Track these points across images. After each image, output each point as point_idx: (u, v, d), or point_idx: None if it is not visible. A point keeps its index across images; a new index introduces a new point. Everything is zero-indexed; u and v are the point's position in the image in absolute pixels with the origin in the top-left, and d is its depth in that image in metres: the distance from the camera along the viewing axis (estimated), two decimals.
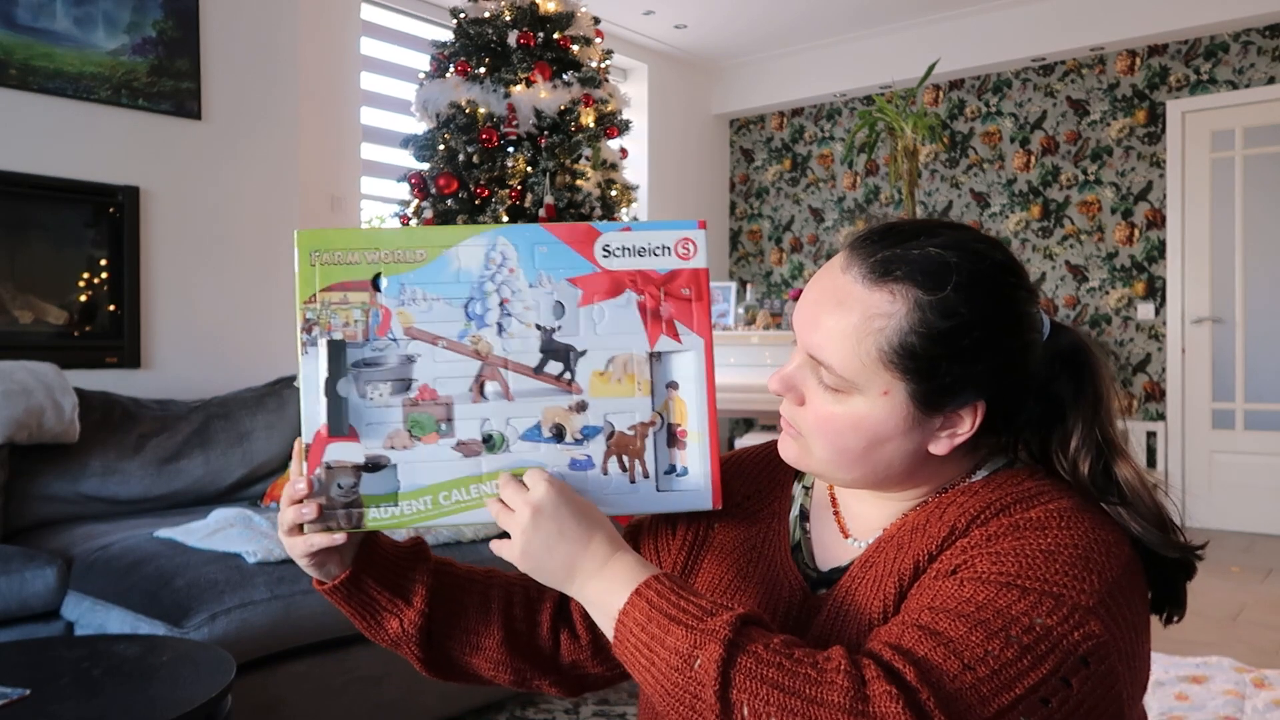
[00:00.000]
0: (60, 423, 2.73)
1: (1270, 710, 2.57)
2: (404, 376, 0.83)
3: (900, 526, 0.85)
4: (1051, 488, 0.81)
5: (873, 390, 0.79)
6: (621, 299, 0.85)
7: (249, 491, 3.16)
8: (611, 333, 0.85)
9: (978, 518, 0.79)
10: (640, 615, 0.72)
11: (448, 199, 3.97)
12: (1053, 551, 0.73)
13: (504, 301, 0.84)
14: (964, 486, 0.84)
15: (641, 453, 0.86)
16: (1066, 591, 0.71)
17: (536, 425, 0.84)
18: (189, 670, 1.64)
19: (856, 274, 0.79)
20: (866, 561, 0.85)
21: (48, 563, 2.33)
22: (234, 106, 3.68)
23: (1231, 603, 3.75)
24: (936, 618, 0.71)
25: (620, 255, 0.85)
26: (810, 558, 0.91)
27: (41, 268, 3.20)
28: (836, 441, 0.81)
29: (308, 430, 0.83)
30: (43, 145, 3.19)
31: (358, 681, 2.23)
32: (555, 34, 4.07)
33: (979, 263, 0.78)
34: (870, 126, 5.29)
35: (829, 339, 0.79)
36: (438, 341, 0.83)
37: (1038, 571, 0.72)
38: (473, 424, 0.84)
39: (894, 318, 0.77)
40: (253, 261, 3.73)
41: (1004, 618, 0.69)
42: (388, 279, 0.83)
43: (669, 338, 0.86)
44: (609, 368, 0.85)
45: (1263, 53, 5.12)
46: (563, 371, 0.85)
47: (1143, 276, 5.47)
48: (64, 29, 3.22)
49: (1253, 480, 5.17)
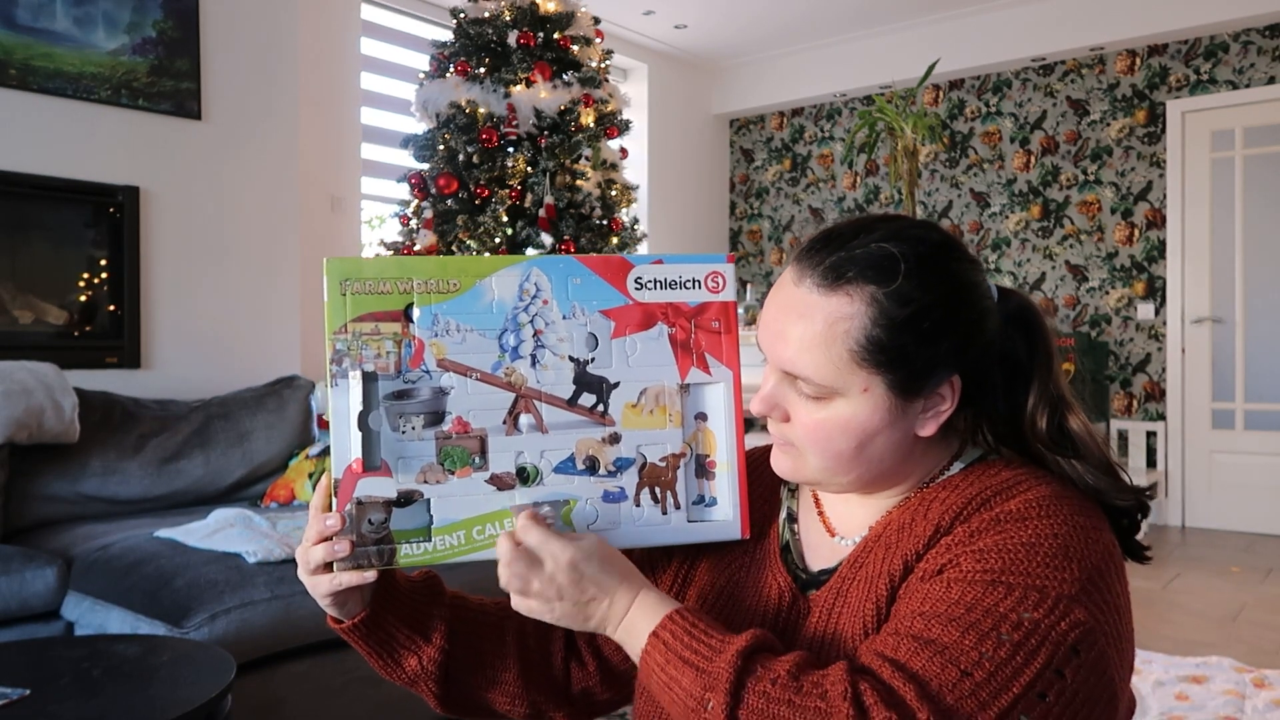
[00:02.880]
0: (60, 423, 2.73)
1: (1270, 710, 2.57)
2: (437, 409, 0.82)
3: (886, 525, 0.86)
4: (1028, 476, 0.82)
5: (853, 390, 0.80)
6: (653, 331, 0.86)
7: (249, 491, 3.16)
8: (644, 365, 0.86)
9: (960, 513, 0.81)
10: (659, 657, 0.75)
11: (448, 199, 3.97)
12: (1033, 544, 0.75)
13: (538, 333, 0.84)
14: (944, 481, 0.86)
15: (673, 484, 0.87)
16: (1049, 583, 0.72)
17: (570, 458, 0.84)
18: (189, 670, 1.64)
19: (810, 284, 0.81)
20: (855, 562, 0.85)
21: (48, 563, 2.33)
22: (234, 106, 3.68)
23: (1231, 603, 3.75)
24: (929, 625, 0.72)
25: (652, 288, 0.86)
26: (800, 559, 0.92)
27: (41, 268, 3.20)
28: (829, 447, 0.82)
29: (338, 465, 0.81)
30: (43, 145, 3.19)
31: (358, 681, 2.23)
32: (555, 34, 4.07)
33: (921, 246, 0.81)
34: (870, 126, 5.29)
35: (799, 352, 0.80)
36: (471, 373, 0.83)
37: (1020, 565, 0.73)
38: (507, 456, 0.83)
39: (856, 318, 0.79)
40: (253, 261, 3.73)
41: (993, 616, 0.70)
42: (420, 309, 0.82)
43: (699, 370, 0.87)
44: (641, 400, 0.86)
45: (1263, 53, 5.12)
46: (596, 403, 0.85)
47: (1143, 276, 5.47)
48: (64, 29, 3.22)
49: (1253, 480, 5.17)
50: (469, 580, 2.40)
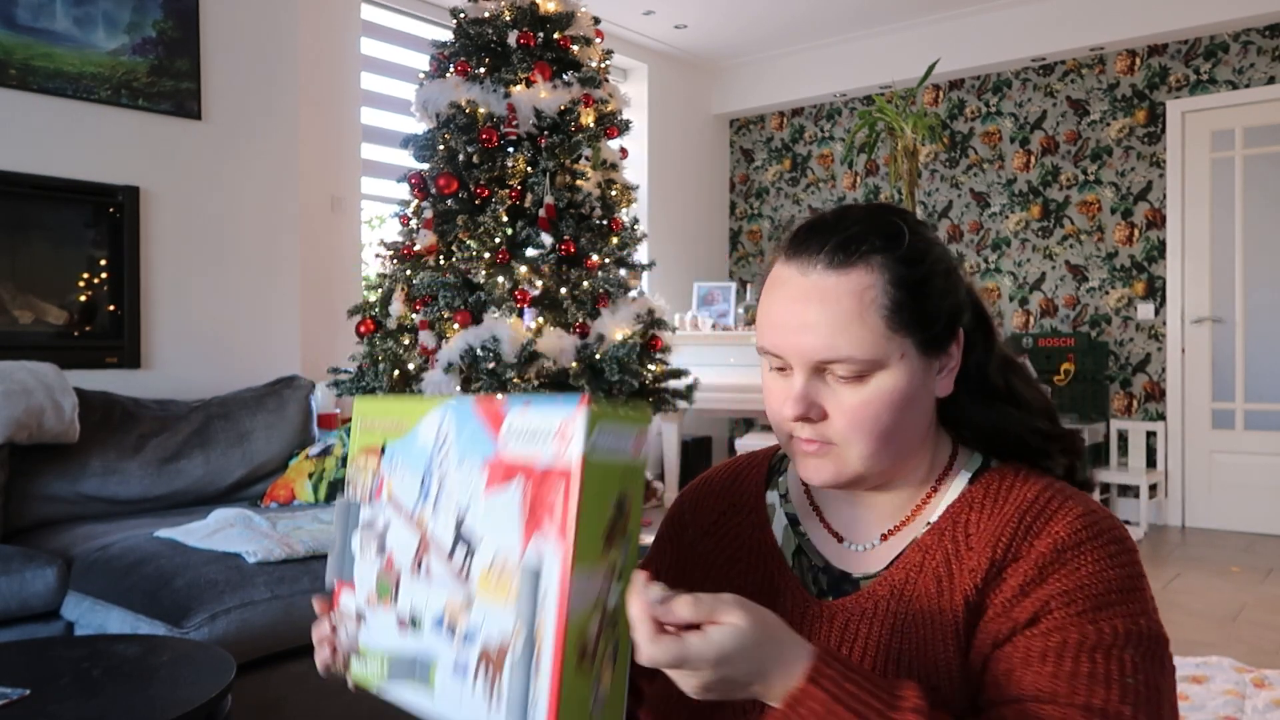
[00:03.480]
0: (60, 423, 2.73)
1: (1270, 710, 2.57)
2: (382, 541, 0.86)
3: (924, 554, 0.86)
4: (1046, 486, 0.86)
5: (893, 358, 0.81)
6: (509, 492, 0.76)
7: (249, 491, 3.16)
8: (496, 529, 0.77)
9: (1010, 547, 0.82)
10: (819, 708, 0.70)
11: (448, 199, 3.97)
12: (1113, 590, 0.79)
13: (442, 479, 0.81)
14: (964, 498, 0.87)
15: (501, 668, 0.75)
16: (1140, 623, 0.79)
17: (440, 614, 0.79)
18: (189, 670, 1.64)
19: (821, 270, 0.81)
20: (893, 588, 0.85)
21: (48, 563, 2.33)
22: (234, 106, 3.68)
23: (1231, 603, 3.75)
24: (1075, 689, 0.75)
25: (516, 440, 0.77)
26: (817, 560, 0.92)
27: (41, 268, 3.20)
28: (875, 427, 0.82)
29: (330, 575, 0.90)
30: (43, 145, 3.19)
31: None
32: (555, 34, 4.07)
33: (906, 215, 0.85)
34: (870, 126, 5.29)
35: (834, 333, 0.80)
36: (401, 512, 0.85)
37: (1116, 621, 0.78)
38: (407, 599, 0.82)
39: (877, 285, 0.80)
40: (253, 261, 3.73)
41: (1119, 664, 0.76)
42: (387, 446, 0.87)
43: (539, 540, 0.74)
44: (491, 567, 0.77)
45: (1263, 53, 5.12)
46: (464, 563, 0.78)
47: (1143, 276, 5.47)
48: (64, 29, 3.22)
49: (1253, 480, 5.17)
50: None
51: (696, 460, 6.06)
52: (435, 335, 3.79)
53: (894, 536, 0.89)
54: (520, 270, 3.84)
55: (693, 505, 1.02)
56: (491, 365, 3.63)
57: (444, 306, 3.78)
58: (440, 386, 3.67)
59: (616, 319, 3.86)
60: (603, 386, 3.78)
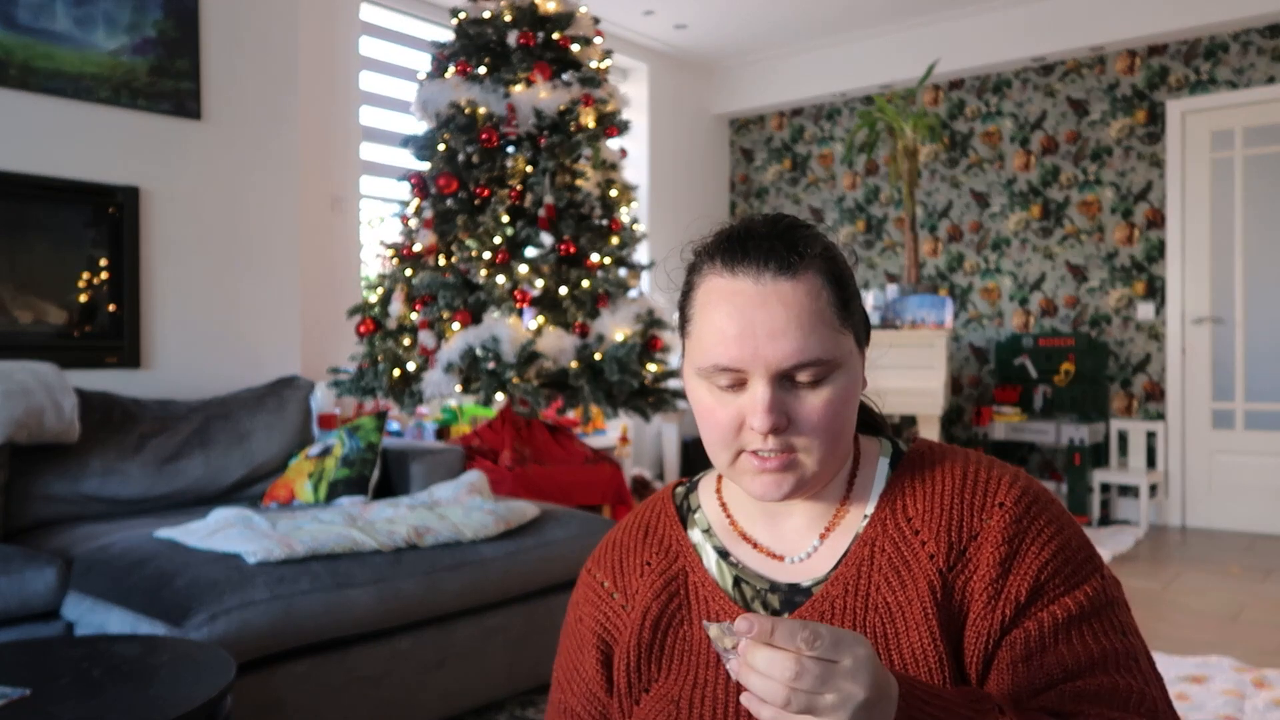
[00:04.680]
0: (60, 423, 2.73)
1: (1270, 710, 2.57)
2: None
3: (872, 548, 0.86)
4: (962, 458, 0.89)
5: (847, 354, 0.84)
6: None
7: (249, 491, 3.16)
8: None
9: (963, 526, 0.85)
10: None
11: (448, 199, 3.97)
12: (1080, 547, 0.86)
13: None
14: (893, 485, 0.89)
15: None
16: (1104, 571, 0.87)
17: None
18: (189, 670, 1.64)
19: (772, 276, 0.81)
20: (847, 586, 0.85)
21: (48, 563, 2.33)
22: (234, 106, 3.68)
23: (1231, 603, 3.75)
24: (1104, 646, 0.82)
25: None
26: (762, 581, 0.90)
27: (41, 268, 3.20)
28: (835, 425, 0.83)
29: None
30: (43, 145, 3.19)
31: (358, 681, 2.23)
32: (555, 34, 4.07)
33: (797, 218, 0.88)
34: (870, 126, 5.30)
35: (805, 337, 0.80)
36: None
37: (1094, 579, 0.84)
38: None
39: (825, 287, 0.82)
40: (253, 261, 3.73)
41: (1114, 621, 0.84)
42: None
43: None
44: None
45: (1263, 53, 5.12)
46: None
47: (1143, 276, 5.47)
48: (64, 29, 3.22)
49: (1253, 480, 5.17)
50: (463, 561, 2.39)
51: (696, 460, 6.06)
52: (435, 335, 3.79)
53: (831, 534, 0.89)
54: (520, 270, 3.84)
55: (618, 562, 0.97)
56: (491, 365, 3.63)
57: (444, 306, 3.78)
58: (440, 386, 3.67)
59: (616, 319, 3.86)
60: (603, 386, 3.78)
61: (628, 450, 5.31)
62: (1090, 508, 5.32)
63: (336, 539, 2.29)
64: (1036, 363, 5.56)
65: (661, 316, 4.01)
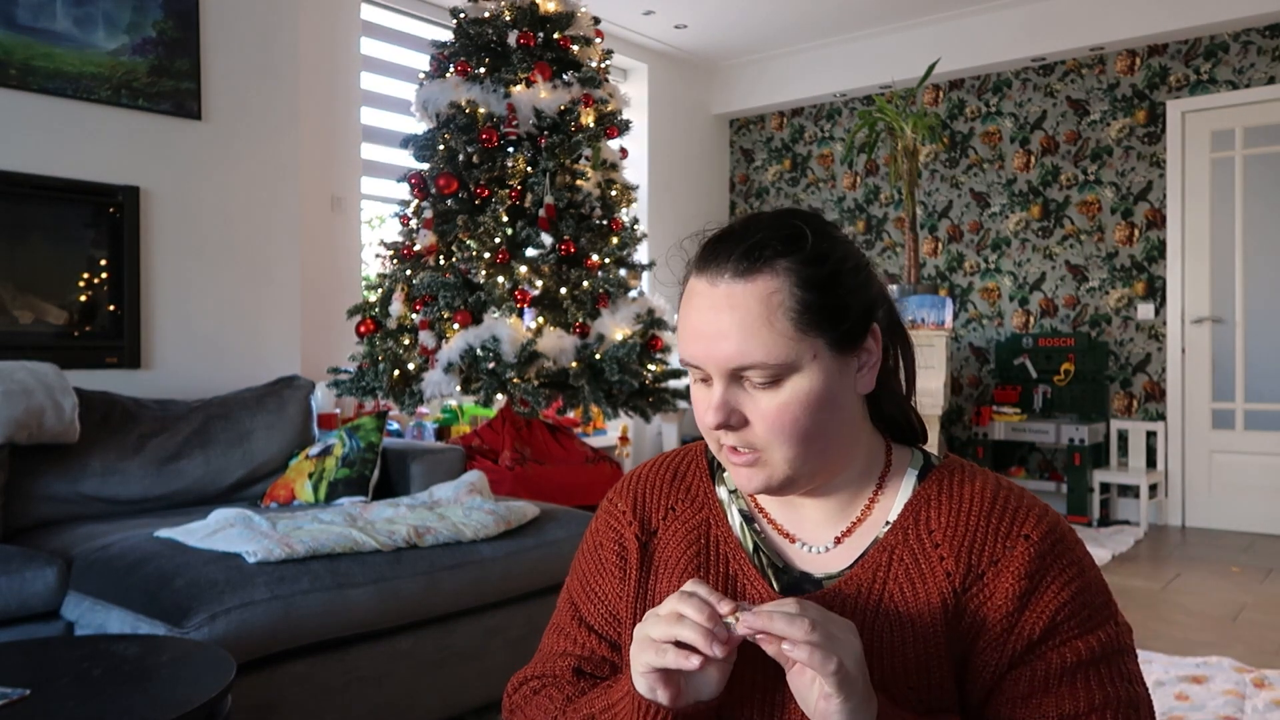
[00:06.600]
0: (60, 423, 2.73)
1: (1270, 710, 2.57)
2: None
3: (891, 555, 0.86)
4: (994, 483, 0.88)
5: (805, 360, 0.82)
6: None
7: (249, 491, 3.16)
8: None
9: (985, 550, 0.85)
10: None
11: (448, 199, 3.97)
12: (1099, 592, 0.86)
13: None
14: (919, 496, 0.88)
15: None
16: (1119, 619, 0.86)
17: None
18: (189, 670, 1.64)
19: (728, 279, 0.82)
20: (859, 587, 0.86)
21: (48, 563, 2.33)
22: (234, 106, 3.68)
23: (1231, 603, 3.75)
24: (1106, 693, 0.82)
25: None
26: (778, 559, 0.92)
27: (41, 268, 3.20)
28: (795, 429, 0.82)
29: None
30: (43, 145, 3.19)
31: (358, 681, 2.23)
32: (555, 34, 4.07)
33: (813, 220, 0.86)
34: (870, 126, 5.29)
35: (745, 339, 0.81)
36: None
37: (1107, 626, 0.85)
38: None
39: (784, 289, 0.81)
40: (253, 261, 3.73)
41: (1123, 670, 0.84)
42: None
43: None
44: None
45: (1263, 53, 5.12)
46: None
47: (1143, 276, 5.47)
48: (64, 29, 3.22)
49: (1253, 480, 5.17)
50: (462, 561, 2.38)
51: None
52: (435, 335, 3.79)
53: (850, 537, 0.90)
54: (520, 270, 3.84)
55: (641, 496, 0.99)
56: (491, 365, 3.63)
57: (444, 306, 3.78)
58: (440, 386, 3.67)
59: (616, 319, 3.86)
60: (603, 386, 3.78)
61: (628, 450, 5.31)
62: (1090, 508, 5.32)
63: (336, 539, 2.29)
64: (1036, 363, 5.56)
65: (662, 316, 4.01)
